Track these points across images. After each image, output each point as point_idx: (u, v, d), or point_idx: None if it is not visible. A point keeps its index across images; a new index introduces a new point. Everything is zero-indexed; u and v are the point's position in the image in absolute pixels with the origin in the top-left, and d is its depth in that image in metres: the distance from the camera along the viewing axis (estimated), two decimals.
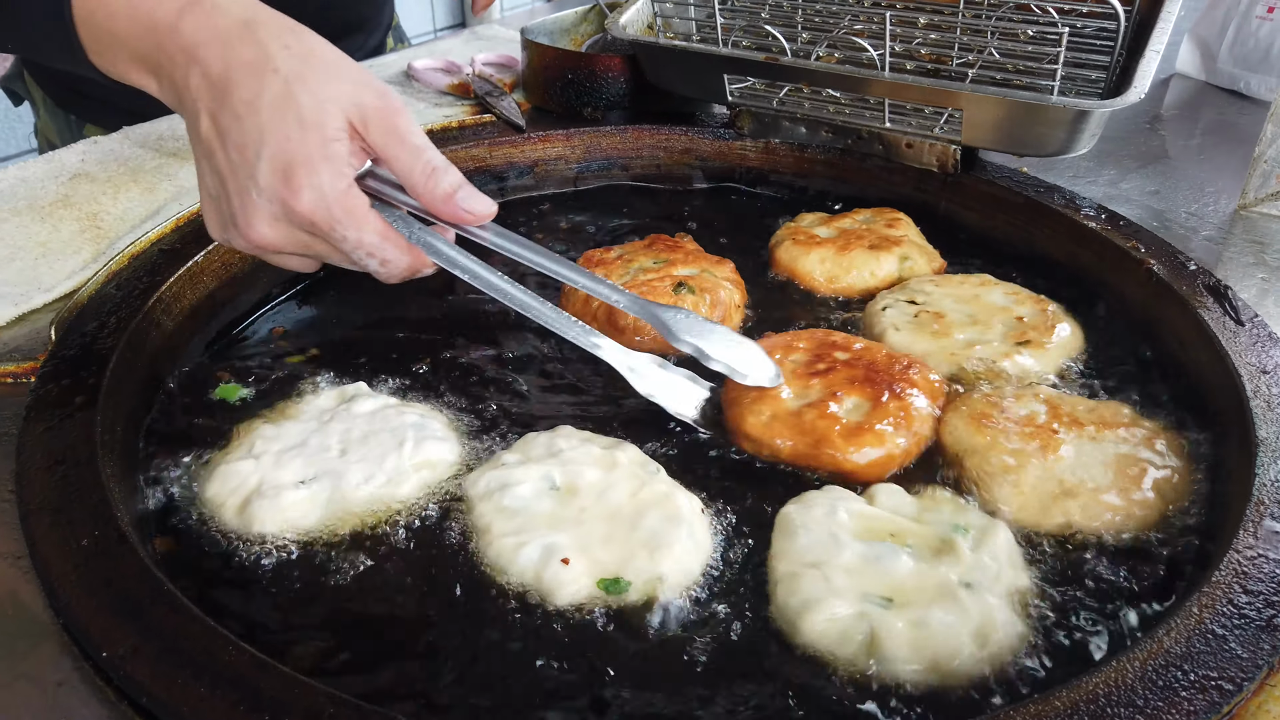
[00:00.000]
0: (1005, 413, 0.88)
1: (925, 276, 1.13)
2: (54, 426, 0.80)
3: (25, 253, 1.09)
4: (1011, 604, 0.71)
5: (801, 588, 0.72)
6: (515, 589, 0.75)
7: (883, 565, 0.73)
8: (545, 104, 1.48)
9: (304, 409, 0.91)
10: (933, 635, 0.68)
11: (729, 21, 1.33)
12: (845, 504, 0.79)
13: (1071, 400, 0.91)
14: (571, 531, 0.77)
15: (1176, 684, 0.60)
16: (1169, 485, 0.82)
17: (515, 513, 0.79)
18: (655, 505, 0.80)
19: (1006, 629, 0.69)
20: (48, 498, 0.73)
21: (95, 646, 0.61)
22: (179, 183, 1.23)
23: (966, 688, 0.67)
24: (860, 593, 0.71)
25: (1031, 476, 0.82)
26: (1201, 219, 1.25)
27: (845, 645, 0.69)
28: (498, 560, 0.77)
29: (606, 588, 0.74)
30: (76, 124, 1.62)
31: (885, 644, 0.68)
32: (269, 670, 0.59)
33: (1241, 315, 0.94)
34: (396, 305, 1.12)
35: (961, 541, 0.74)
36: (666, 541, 0.76)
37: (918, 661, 0.67)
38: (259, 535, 0.79)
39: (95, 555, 0.68)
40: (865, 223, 1.22)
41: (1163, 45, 1.14)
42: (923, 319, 1.03)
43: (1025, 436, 0.85)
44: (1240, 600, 0.65)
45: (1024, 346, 0.98)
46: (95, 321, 0.92)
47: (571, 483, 0.82)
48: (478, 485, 0.83)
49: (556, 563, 0.74)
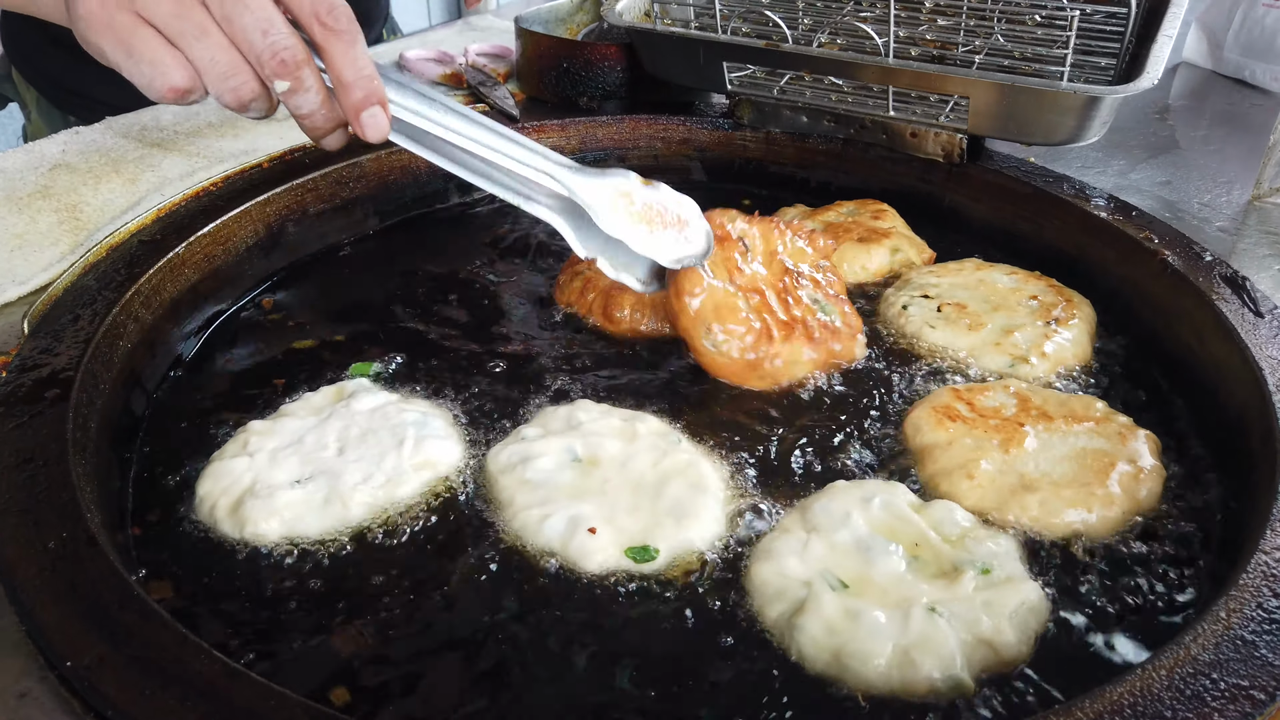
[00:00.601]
0: (972, 407, 0.86)
1: (924, 269, 1.10)
2: (24, 423, 0.76)
3: (0, 244, 1.05)
4: (970, 651, 0.66)
5: (780, 542, 0.74)
6: (542, 558, 0.74)
7: (867, 557, 0.72)
8: (540, 94, 1.44)
9: (298, 406, 0.88)
10: (855, 630, 0.66)
11: (728, 8, 1.29)
12: (890, 498, 0.77)
13: (1044, 394, 0.89)
14: (596, 502, 0.77)
15: (1205, 693, 0.56)
16: (1136, 483, 0.79)
17: (538, 485, 0.79)
18: (678, 474, 0.80)
19: (941, 667, 0.64)
20: (14, 497, 0.69)
21: (59, 655, 0.58)
22: (162, 173, 1.20)
23: (852, 691, 0.64)
24: (823, 568, 0.71)
25: (989, 470, 0.79)
26: (1214, 210, 1.21)
27: (775, 604, 0.70)
28: (523, 531, 0.76)
29: (635, 556, 0.73)
30: (77, 125, 1.58)
31: (807, 615, 0.67)
32: (241, 680, 0.56)
33: (1261, 307, 0.90)
34: (385, 288, 1.09)
35: (970, 576, 0.70)
36: (692, 509, 0.77)
37: (825, 643, 0.66)
38: (252, 536, 0.75)
39: (62, 558, 0.64)
40: (850, 215, 1.19)
41: (1175, 31, 1.11)
42: (948, 312, 1.00)
43: (989, 430, 0.83)
44: (1270, 604, 0.62)
45: (1057, 324, 0.97)
46: (70, 314, 0.88)
47: (593, 454, 0.82)
48: (499, 459, 0.82)
49: (583, 532, 0.74)
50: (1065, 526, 0.76)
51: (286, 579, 0.73)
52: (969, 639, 0.66)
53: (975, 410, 0.85)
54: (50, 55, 1.53)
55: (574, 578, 0.73)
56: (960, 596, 0.68)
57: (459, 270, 1.15)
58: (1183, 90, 1.65)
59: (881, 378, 0.95)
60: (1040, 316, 0.98)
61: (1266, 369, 0.83)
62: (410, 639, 0.69)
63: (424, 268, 1.16)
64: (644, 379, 0.96)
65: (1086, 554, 0.75)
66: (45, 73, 1.57)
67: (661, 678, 0.66)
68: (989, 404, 0.86)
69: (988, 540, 0.74)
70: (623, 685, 0.66)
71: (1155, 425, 0.87)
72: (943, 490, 0.79)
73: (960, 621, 0.66)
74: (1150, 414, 0.91)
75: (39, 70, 1.58)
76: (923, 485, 0.82)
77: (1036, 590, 0.70)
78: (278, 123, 1.33)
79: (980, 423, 0.84)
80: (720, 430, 0.88)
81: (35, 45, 1.56)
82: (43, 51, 1.55)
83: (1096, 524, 0.76)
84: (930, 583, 0.70)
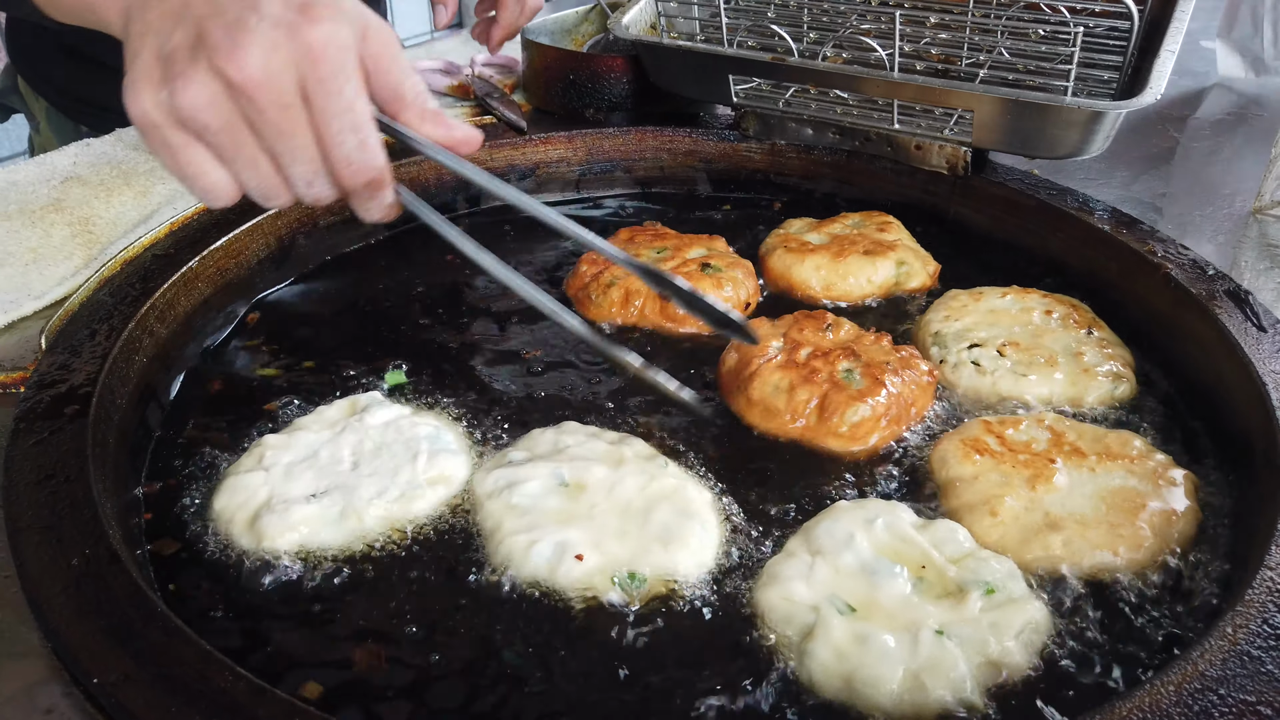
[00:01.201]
0: (1002, 441, 0.85)
1: (941, 312, 1.05)
2: (44, 440, 0.77)
3: (15, 258, 1.06)
4: (979, 673, 0.67)
5: (787, 565, 0.74)
6: (527, 586, 0.74)
7: (873, 580, 0.72)
8: (547, 105, 1.45)
9: (312, 420, 0.89)
10: (865, 654, 0.66)
11: (733, 21, 1.31)
12: (893, 519, 0.77)
13: (1079, 428, 0.87)
14: (583, 527, 0.77)
15: (1213, 708, 0.57)
16: (1168, 524, 0.77)
17: (525, 510, 0.79)
18: (665, 499, 0.80)
19: (952, 690, 0.65)
20: (37, 515, 0.70)
21: (85, 672, 0.59)
22: (173, 185, 1.21)
23: (865, 715, 0.65)
24: (831, 592, 0.71)
25: (1014, 507, 0.78)
26: (1216, 222, 1.23)
27: (786, 627, 0.70)
28: (509, 559, 0.76)
29: (621, 583, 0.73)
30: (89, 134, 1.59)
31: (817, 640, 0.68)
32: (266, 696, 0.57)
33: (1264, 321, 0.92)
34: (393, 300, 1.10)
35: (975, 597, 0.70)
36: (680, 535, 0.77)
37: (835, 669, 0.66)
38: (269, 550, 0.76)
39: (86, 576, 0.65)
40: (856, 227, 1.20)
41: (1178, 45, 1.12)
42: (1015, 356, 0.96)
43: (1017, 465, 0.82)
44: (1276, 620, 0.63)
45: (1095, 330, 1.00)
46: (87, 329, 0.89)
47: (580, 479, 0.82)
48: (484, 484, 0.82)
49: (570, 559, 0.74)
50: (1089, 569, 0.75)
51: (303, 593, 0.74)
52: (978, 660, 0.67)
53: (1005, 444, 0.84)
54: (60, 64, 1.53)
55: (563, 604, 0.73)
56: (967, 618, 0.69)
57: (467, 281, 1.16)
58: (1216, 108, 1.64)
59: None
60: (1072, 330, 0.99)
61: (1270, 384, 0.84)
62: (421, 655, 0.70)
63: (432, 279, 1.17)
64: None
65: (1107, 593, 0.74)
66: (55, 81, 1.57)
67: (657, 705, 0.66)
68: (1020, 438, 0.85)
69: (991, 560, 0.74)
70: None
71: (1166, 442, 0.88)
72: (965, 525, 0.78)
73: (969, 644, 0.67)
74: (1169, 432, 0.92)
75: (48, 79, 1.58)
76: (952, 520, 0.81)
77: (1041, 609, 0.71)
78: None
79: (1009, 457, 0.83)
80: (743, 467, 0.88)
81: (44, 54, 1.56)
82: (52, 60, 1.55)
83: (1123, 565, 0.75)
84: (936, 604, 0.71)
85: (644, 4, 1.38)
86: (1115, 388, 0.93)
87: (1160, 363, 1.00)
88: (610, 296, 1.07)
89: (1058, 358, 0.95)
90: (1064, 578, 0.75)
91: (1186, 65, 1.78)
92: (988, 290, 1.06)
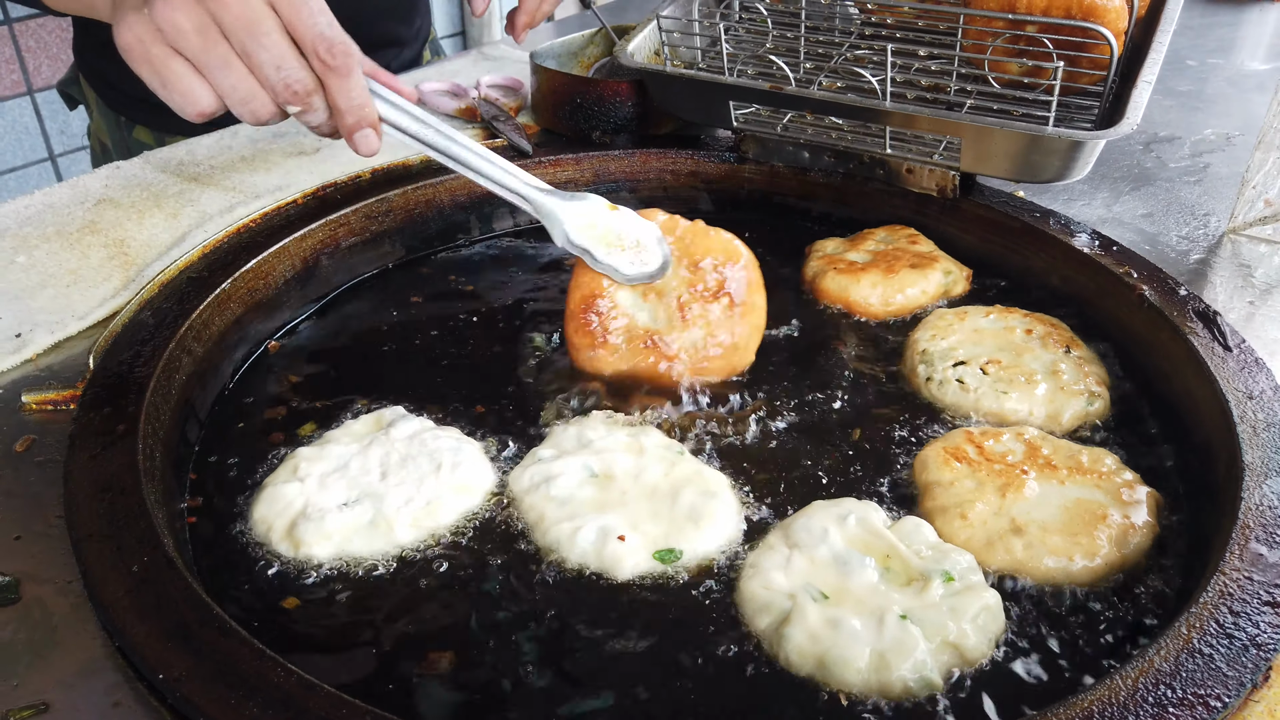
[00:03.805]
0: (981, 450, 0.91)
1: (928, 330, 1.10)
2: (98, 455, 0.83)
3: (56, 280, 1.12)
4: (938, 653, 0.74)
5: (765, 557, 0.82)
6: (575, 569, 0.82)
7: (844, 570, 0.80)
8: (554, 127, 1.51)
9: (341, 433, 0.95)
10: (836, 636, 0.74)
11: (734, 50, 1.37)
12: (864, 516, 0.84)
13: (1055, 443, 0.93)
14: (619, 512, 0.86)
15: (1166, 701, 0.64)
16: (1125, 537, 0.83)
17: (564, 501, 0.87)
18: (689, 483, 0.89)
19: (913, 670, 0.72)
20: (97, 525, 0.76)
21: (151, 669, 0.65)
22: (201, 208, 1.27)
23: (836, 692, 0.72)
24: (805, 581, 0.79)
25: (984, 512, 0.85)
26: (1193, 242, 1.29)
27: (763, 615, 0.77)
28: (557, 544, 0.84)
29: (662, 558, 0.82)
30: (126, 125, 1.68)
31: (792, 625, 0.75)
32: (317, 691, 0.63)
33: (1230, 341, 0.98)
34: (413, 317, 1.17)
35: (936, 585, 0.78)
36: (707, 513, 0.86)
37: (809, 651, 0.73)
38: (306, 557, 0.83)
39: (146, 581, 0.71)
40: (888, 242, 1.26)
41: (1154, 76, 1.18)
42: (996, 374, 1.02)
43: (992, 474, 0.88)
44: (1226, 620, 0.69)
45: (1072, 349, 1.05)
46: (131, 350, 0.96)
47: (608, 469, 0.91)
48: (521, 481, 0.90)
49: (613, 541, 0.83)
50: (1045, 572, 0.81)
51: (340, 596, 0.81)
52: (937, 642, 0.74)
53: (983, 454, 0.90)
54: (106, 57, 1.64)
55: (609, 583, 0.81)
56: (928, 604, 0.76)
57: (484, 298, 1.23)
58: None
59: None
60: (1051, 350, 1.05)
61: (1232, 400, 0.90)
62: (458, 639, 0.76)
63: (450, 298, 1.23)
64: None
65: (1061, 597, 0.81)
66: (102, 74, 1.68)
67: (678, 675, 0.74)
68: (998, 449, 0.91)
69: (953, 553, 0.82)
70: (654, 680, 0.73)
71: (1137, 455, 0.95)
72: (937, 526, 0.85)
73: (929, 626, 0.74)
74: (1140, 446, 0.98)
75: (97, 72, 1.69)
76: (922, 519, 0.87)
77: (995, 596, 0.78)
78: (308, 157, 1.41)
79: (985, 466, 0.89)
80: (763, 468, 0.95)
81: (94, 47, 1.68)
82: (99, 54, 1.66)
83: (1078, 573, 0.81)
84: (901, 591, 0.78)
85: (648, 32, 1.44)
86: (1090, 405, 0.99)
87: (1135, 379, 1.06)
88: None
89: (1036, 375, 1.01)
90: (1021, 580, 0.82)
91: (1170, 85, 1.85)
92: (972, 309, 1.13)
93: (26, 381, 0.98)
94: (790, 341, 1.15)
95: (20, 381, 0.98)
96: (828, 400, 1.04)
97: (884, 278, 1.19)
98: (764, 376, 1.08)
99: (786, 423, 1.01)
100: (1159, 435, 1.00)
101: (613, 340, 1.04)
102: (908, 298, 1.19)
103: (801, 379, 1.07)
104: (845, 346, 1.13)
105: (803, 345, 1.14)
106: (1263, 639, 0.68)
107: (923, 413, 1.02)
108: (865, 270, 1.21)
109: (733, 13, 1.50)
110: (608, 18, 1.67)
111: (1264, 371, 0.94)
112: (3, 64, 2.90)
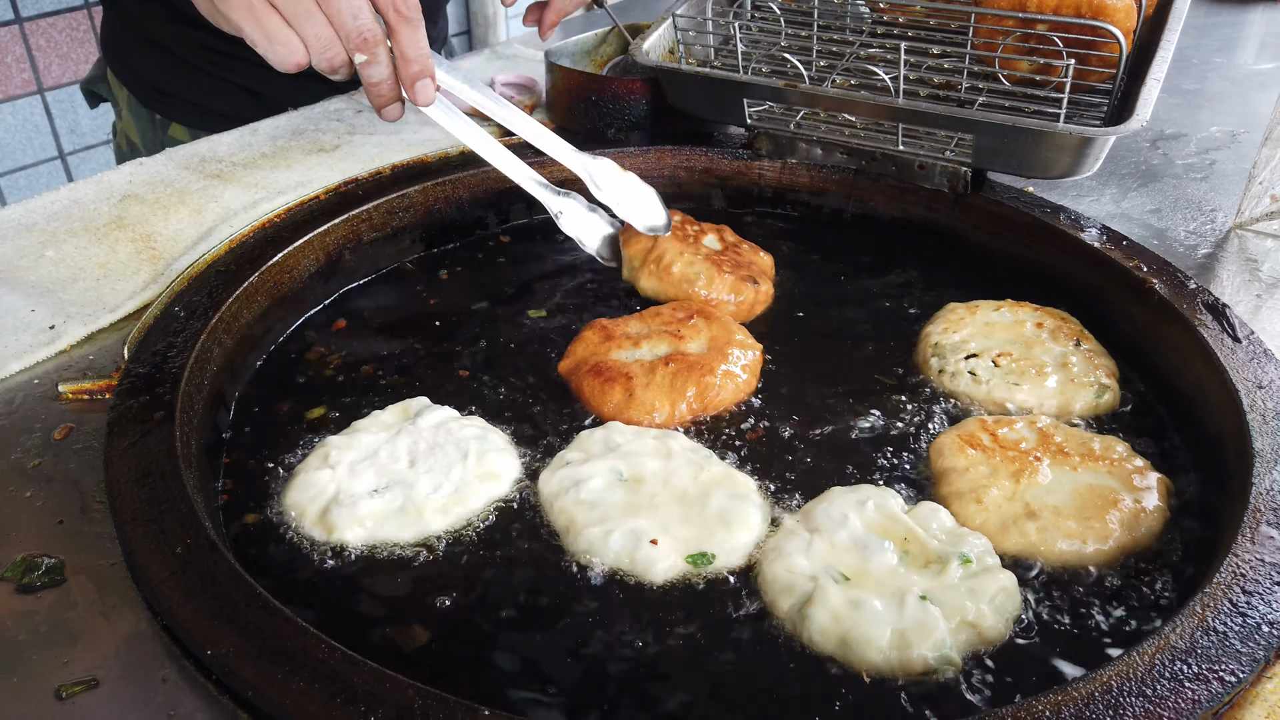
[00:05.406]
0: (995, 438, 0.93)
1: (940, 324, 1.12)
2: (136, 442, 0.85)
3: (86, 273, 1.14)
4: (957, 633, 0.76)
5: (787, 542, 0.83)
6: (608, 573, 0.83)
7: (865, 553, 0.82)
8: (570, 124, 1.54)
9: (370, 422, 0.97)
10: (858, 616, 0.76)
11: (748, 49, 1.39)
12: (882, 501, 0.87)
13: (1067, 431, 0.95)
14: (649, 516, 0.86)
15: (1182, 676, 0.66)
16: (1136, 521, 0.85)
17: (594, 505, 0.87)
18: (718, 485, 0.90)
19: (933, 649, 0.74)
20: (139, 510, 0.78)
21: (199, 646, 0.67)
22: (225, 204, 1.29)
23: (857, 670, 0.74)
24: (826, 563, 0.81)
25: (998, 497, 0.87)
26: (1200, 237, 1.31)
27: (786, 596, 0.79)
28: (589, 548, 0.84)
29: (695, 561, 0.83)
30: (162, 123, 1.71)
31: (815, 605, 0.77)
32: (360, 666, 0.65)
33: (1239, 333, 1.00)
34: (433, 311, 1.19)
35: (955, 567, 0.80)
36: (738, 515, 0.86)
37: (832, 630, 0.76)
38: (338, 541, 0.85)
39: (190, 563, 0.74)
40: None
41: (1163, 73, 1.20)
42: (1008, 366, 1.04)
43: (1006, 460, 0.90)
44: (1239, 600, 0.71)
45: (1082, 342, 1.06)
46: (164, 341, 0.98)
47: (637, 473, 0.91)
48: (550, 485, 0.91)
49: (646, 544, 0.83)
50: (1058, 555, 0.84)
51: (372, 580, 0.83)
52: (956, 622, 0.76)
53: (997, 441, 0.92)
54: (142, 54, 1.67)
55: (642, 586, 0.82)
56: (947, 585, 0.79)
57: (501, 291, 1.25)
58: (1170, 116, 1.74)
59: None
60: (1061, 343, 1.06)
61: (1242, 389, 0.93)
62: (487, 624, 0.79)
63: (469, 290, 1.25)
64: None
65: (1074, 578, 0.83)
66: (136, 71, 1.70)
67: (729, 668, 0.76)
68: (1012, 437, 0.93)
69: (969, 536, 0.84)
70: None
71: (1149, 444, 0.97)
72: (953, 511, 0.87)
73: (948, 607, 0.77)
74: (1150, 435, 1.00)
75: (131, 69, 1.71)
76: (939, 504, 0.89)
77: (1011, 578, 0.80)
78: (327, 154, 1.43)
79: (999, 453, 0.91)
80: (779, 460, 0.97)
81: (129, 45, 1.69)
82: (135, 51, 1.68)
83: (1090, 555, 0.83)
84: (919, 573, 0.80)
85: (663, 30, 1.46)
86: (1100, 397, 1.01)
87: (1144, 372, 1.09)
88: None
89: (1047, 368, 1.03)
90: (1036, 562, 0.84)
91: (1175, 83, 1.87)
92: (983, 303, 1.15)
93: (61, 372, 1.00)
94: (803, 342, 1.17)
95: (55, 372, 1.00)
96: (845, 395, 1.06)
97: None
98: (781, 378, 1.10)
99: (805, 421, 1.02)
100: (1169, 425, 1.02)
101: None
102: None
103: (818, 376, 1.10)
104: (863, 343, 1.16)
105: (820, 340, 1.16)
106: (1275, 617, 0.70)
107: (937, 403, 1.04)
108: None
109: (745, 11, 1.52)
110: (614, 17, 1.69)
111: (1272, 362, 0.96)
112: (13, 63, 2.92)
